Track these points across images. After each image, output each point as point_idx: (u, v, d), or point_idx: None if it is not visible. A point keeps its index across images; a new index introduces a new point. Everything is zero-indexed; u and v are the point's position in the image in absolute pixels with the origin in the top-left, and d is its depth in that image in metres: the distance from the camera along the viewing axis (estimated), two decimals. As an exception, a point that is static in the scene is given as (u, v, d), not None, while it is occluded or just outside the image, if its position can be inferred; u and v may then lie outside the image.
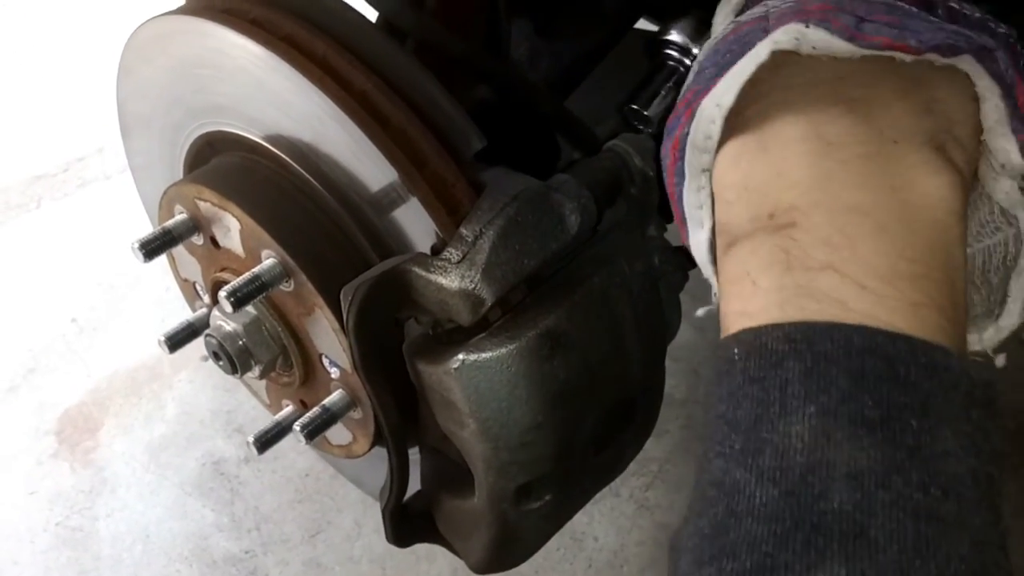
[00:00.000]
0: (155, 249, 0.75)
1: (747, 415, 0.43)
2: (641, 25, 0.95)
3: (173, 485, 1.27)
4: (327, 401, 0.75)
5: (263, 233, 0.70)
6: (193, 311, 0.85)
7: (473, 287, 0.60)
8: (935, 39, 0.47)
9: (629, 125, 0.82)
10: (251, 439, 0.78)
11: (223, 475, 1.28)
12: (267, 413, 0.86)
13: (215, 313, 0.77)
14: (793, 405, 0.42)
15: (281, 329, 0.75)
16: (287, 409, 0.82)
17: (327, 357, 0.74)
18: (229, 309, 0.69)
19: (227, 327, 0.76)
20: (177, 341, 0.80)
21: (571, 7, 0.90)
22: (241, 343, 0.75)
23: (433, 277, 0.61)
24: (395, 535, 0.73)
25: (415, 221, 0.65)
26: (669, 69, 0.83)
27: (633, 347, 0.68)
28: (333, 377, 0.75)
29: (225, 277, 0.76)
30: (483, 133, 0.66)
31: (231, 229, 0.73)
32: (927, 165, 0.48)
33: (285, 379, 0.80)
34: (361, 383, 0.65)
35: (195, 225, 0.76)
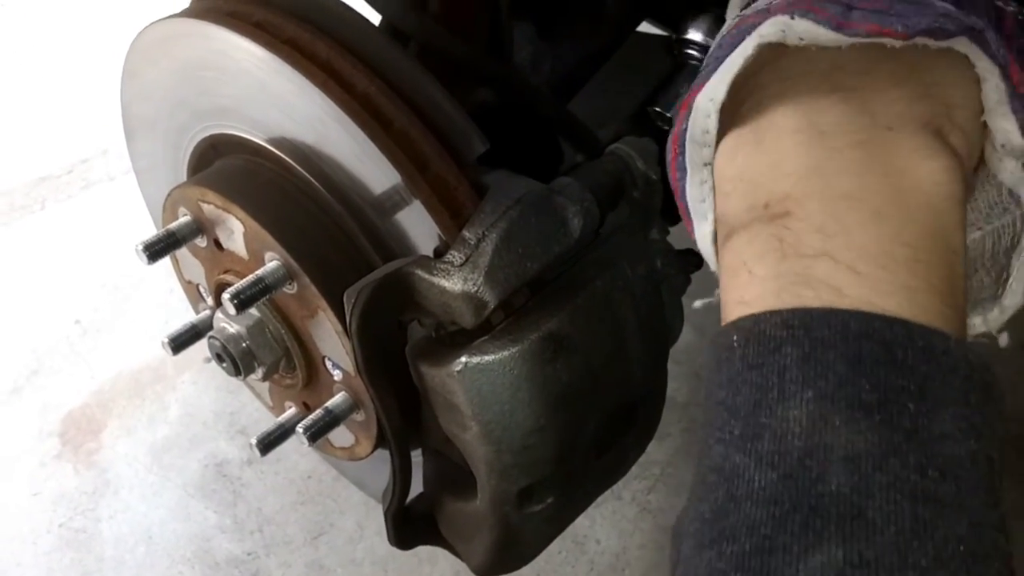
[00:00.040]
0: (159, 251, 0.76)
1: (746, 401, 0.43)
2: (644, 28, 0.95)
3: (176, 487, 1.27)
4: (330, 403, 0.75)
5: (267, 235, 0.70)
6: (196, 313, 0.86)
7: (476, 290, 0.60)
8: (921, 23, 0.47)
9: (650, 127, 0.82)
10: (254, 441, 0.78)
11: (226, 477, 1.28)
12: (270, 415, 0.87)
13: (218, 315, 0.77)
14: (791, 390, 0.42)
15: (284, 331, 0.75)
16: (290, 411, 0.82)
17: (330, 359, 0.74)
18: (232, 311, 0.69)
19: (230, 329, 0.76)
20: (181, 343, 0.80)
21: (573, 10, 0.90)
22: (244, 345, 0.75)
23: (436, 280, 0.61)
24: (397, 537, 0.73)
25: (418, 224, 0.65)
26: (690, 69, 0.83)
27: (635, 350, 0.68)
28: (336, 379, 0.75)
29: (228, 279, 0.76)
30: (486, 136, 0.66)
31: (235, 231, 0.73)
32: (922, 150, 0.47)
33: (288, 381, 0.80)
34: (364, 385, 0.65)
35: (199, 227, 0.76)
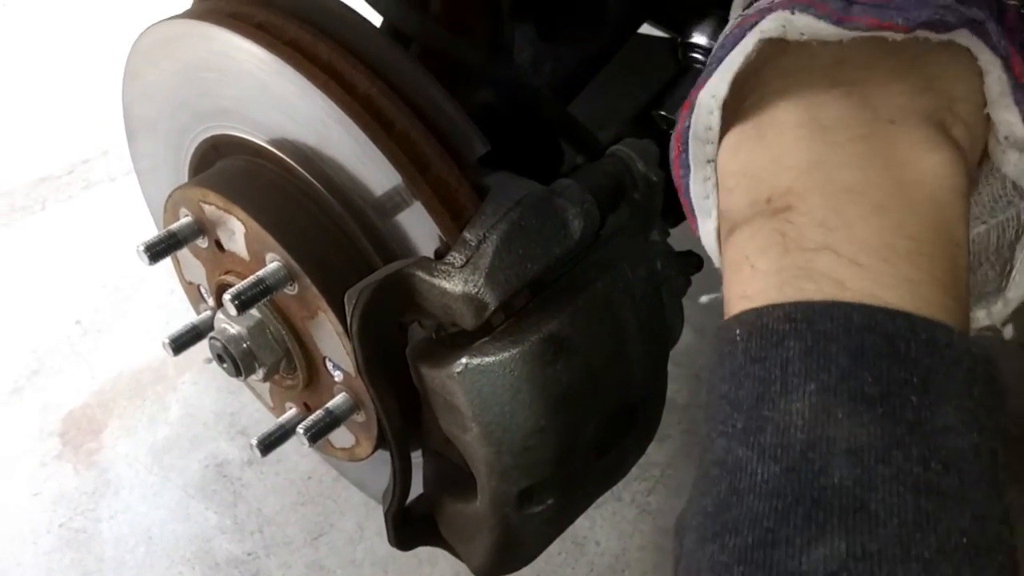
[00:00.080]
0: (160, 252, 0.76)
1: (749, 394, 0.43)
2: (644, 30, 0.95)
3: (176, 487, 1.27)
4: (330, 404, 0.75)
5: (267, 236, 0.70)
6: (197, 314, 0.86)
7: (476, 291, 0.60)
8: (922, 16, 0.47)
9: (654, 131, 0.82)
10: (254, 442, 0.78)
11: (226, 477, 1.28)
12: (270, 416, 0.87)
13: (219, 316, 0.77)
14: (794, 383, 0.42)
15: (285, 332, 0.75)
16: (290, 412, 0.82)
17: (331, 360, 0.74)
18: (233, 312, 0.69)
19: (231, 330, 0.76)
20: (181, 343, 0.80)
21: (575, 12, 0.90)
22: (245, 346, 0.75)
23: (436, 281, 0.61)
24: (397, 538, 0.73)
25: (419, 225, 0.65)
26: (695, 72, 0.83)
27: (636, 352, 0.68)
28: (336, 380, 0.75)
29: (229, 280, 0.76)
30: (486, 137, 0.66)
31: (236, 232, 0.73)
32: (925, 143, 0.47)
33: (289, 382, 0.81)
34: (364, 386, 0.65)
35: (200, 228, 0.76)
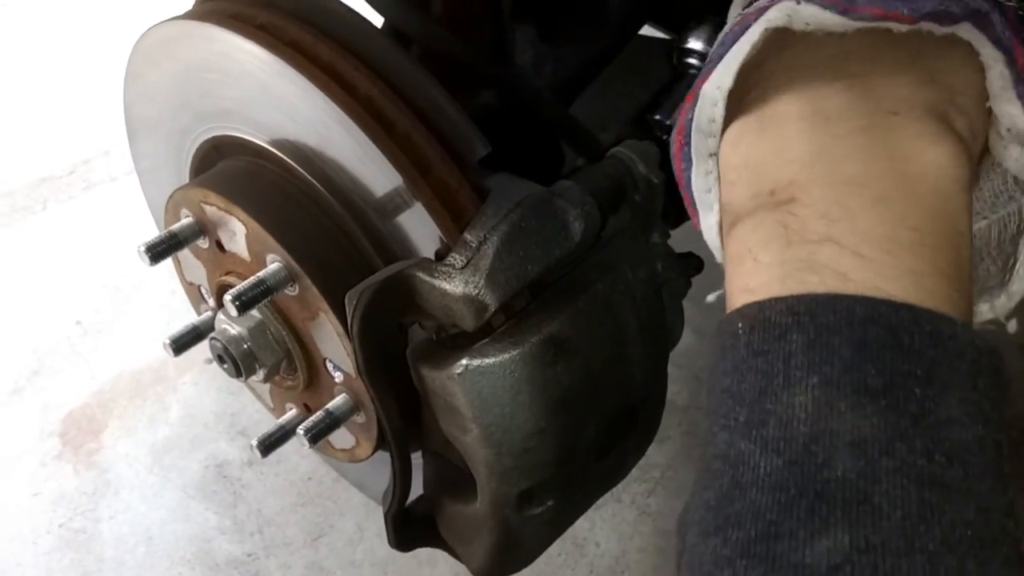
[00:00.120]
0: (161, 252, 0.76)
1: (751, 388, 0.43)
2: (646, 31, 0.95)
3: (176, 488, 1.27)
4: (331, 405, 0.75)
5: (268, 237, 0.70)
6: (198, 314, 0.86)
7: (477, 292, 0.60)
8: (927, 6, 0.47)
9: (650, 134, 0.82)
10: (254, 442, 0.78)
11: (226, 478, 1.28)
12: (271, 416, 0.87)
13: (220, 316, 0.77)
14: (796, 376, 0.42)
15: (285, 333, 0.76)
16: (291, 413, 0.82)
17: (331, 361, 0.74)
18: (234, 313, 0.69)
19: (232, 331, 0.76)
20: (182, 344, 0.80)
21: (576, 13, 0.90)
22: (245, 347, 0.76)
23: (437, 282, 0.61)
24: (397, 539, 0.73)
25: (419, 226, 0.65)
26: (690, 78, 0.83)
27: (636, 353, 0.68)
28: (337, 381, 0.75)
29: (230, 281, 0.76)
30: (487, 139, 0.66)
31: (236, 233, 0.73)
32: (927, 135, 0.47)
33: (289, 383, 0.81)
34: (365, 387, 0.65)
35: (201, 229, 0.76)
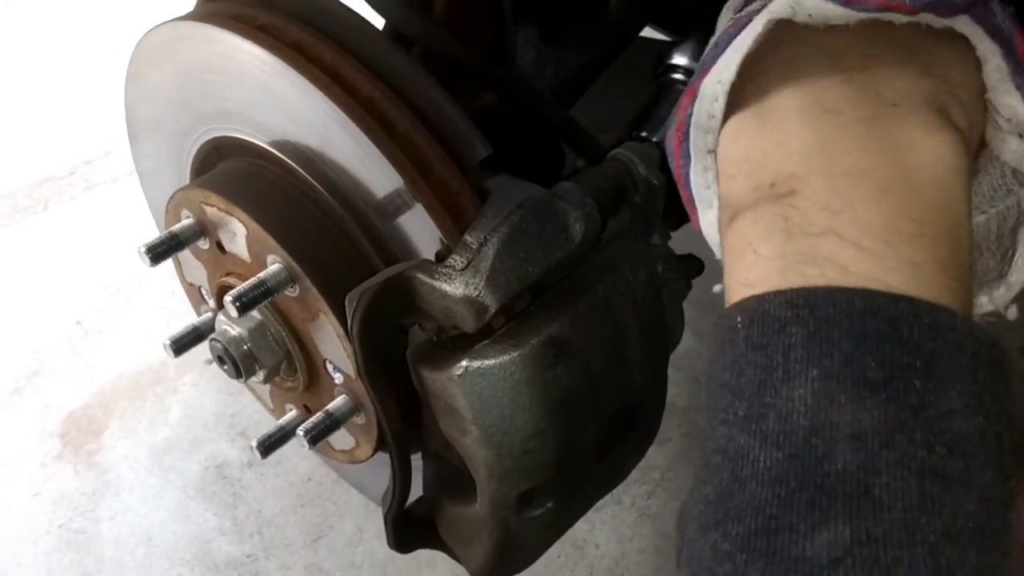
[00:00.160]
0: (161, 253, 0.76)
1: (750, 381, 0.43)
2: (647, 33, 0.95)
3: (176, 488, 1.27)
4: (331, 406, 0.75)
5: (269, 238, 0.70)
6: (198, 315, 0.86)
7: (477, 294, 0.60)
8: None
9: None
10: (254, 443, 0.78)
11: (226, 479, 1.28)
12: (271, 417, 0.87)
13: (220, 317, 0.77)
14: (796, 369, 0.42)
15: (286, 334, 0.76)
16: (291, 414, 0.82)
17: (331, 362, 0.74)
18: (234, 313, 0.69)
19: (232, 331, 0.76)
20: (182, 345, 0.80)
21: (577, 15, 0.90)
22: (246, 347, 0.76)
23: (437, 284, 0.61)
24: (397, 541, 0.73)
25: (420, 228, 0.65)
26: (676, 93, 0.83)
27: (636, 355, 0.68)
28: (337, 382, 0.75)
29: (230, 282, 0.76)
30: (488, 140, 0.66)
31: (237, 234, 0.73)
32: (927, 125, 0.47)
33: (289, 384, 0.81)
34: (365, 389, 0.65)
35: (201, 230, 0.76)
